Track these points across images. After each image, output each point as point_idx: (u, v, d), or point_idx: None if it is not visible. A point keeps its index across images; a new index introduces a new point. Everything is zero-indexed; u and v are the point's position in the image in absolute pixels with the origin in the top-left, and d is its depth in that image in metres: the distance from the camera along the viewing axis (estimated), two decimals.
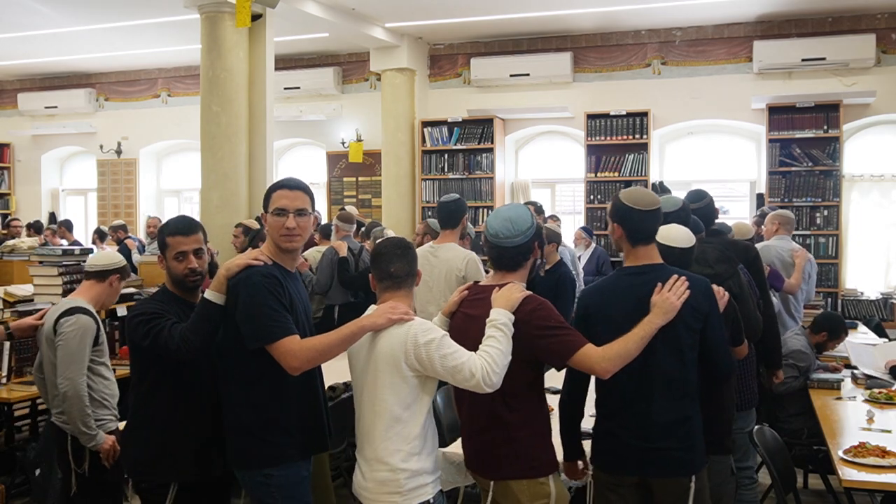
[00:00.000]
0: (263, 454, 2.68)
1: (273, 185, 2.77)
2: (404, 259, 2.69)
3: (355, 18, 8.77)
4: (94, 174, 12.25)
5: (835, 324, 5.27)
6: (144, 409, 2.92)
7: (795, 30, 8.75)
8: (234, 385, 2.71)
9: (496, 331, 2.57)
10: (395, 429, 2.56)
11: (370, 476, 2.59)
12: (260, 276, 2.61)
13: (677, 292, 2.72)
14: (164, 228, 2.96)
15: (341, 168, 10.77)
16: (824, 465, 4.49)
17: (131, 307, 3.00)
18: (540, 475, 2.70)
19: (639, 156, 9.13)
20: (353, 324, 2.59)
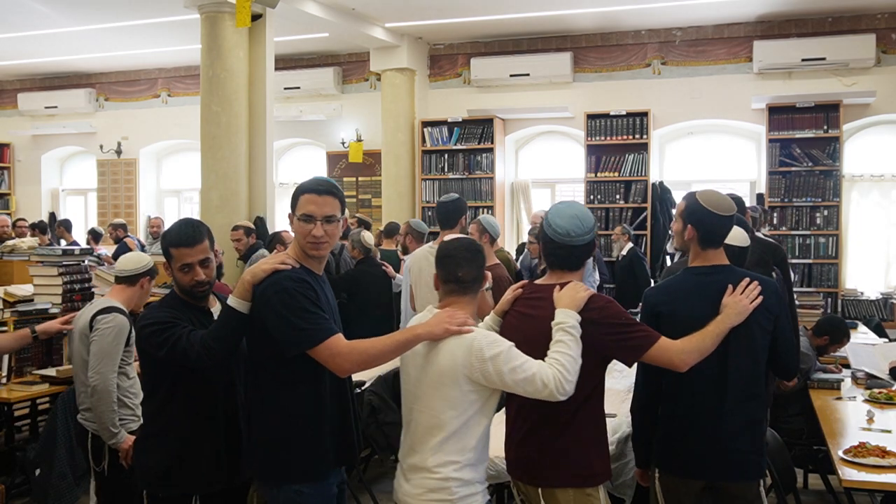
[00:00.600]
0: (295, 469, 2.56)
1: (301, 187, 2.59)
2: (474, 263, 2.58)
3: (355, 18, 8.77)
4: (94, 174, 12.26)
5: (837, 329, 5.27)
6: (158, 419, 2.85)
7: (795, 30, 8.75)
8: (264, 395, 2.59)
9: (565, 335, 2.48)
10: (451, 441, 2.47)
11: (418, 483, 2.50)
12: (290, 281, 2.49)
13: (750, 295, 2.72)
14: (167, 237, 2.83)
15: (341, 168, 10.77)
16: (824, 465, 4.49)
17: (142, 314, 2.87)
18: (588, 485, 2.60)
19: (639, 156, 9.13)
20: (408, 331, 2.50)
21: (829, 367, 5.24)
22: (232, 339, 2.58)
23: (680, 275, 2.94)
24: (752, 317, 2.72)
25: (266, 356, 2.55)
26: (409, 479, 2.54)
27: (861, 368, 5.19)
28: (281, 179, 11.23)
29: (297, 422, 2.56)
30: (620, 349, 2.60)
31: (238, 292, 2.54)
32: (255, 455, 2.62)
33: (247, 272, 2.55)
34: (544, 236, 2.72)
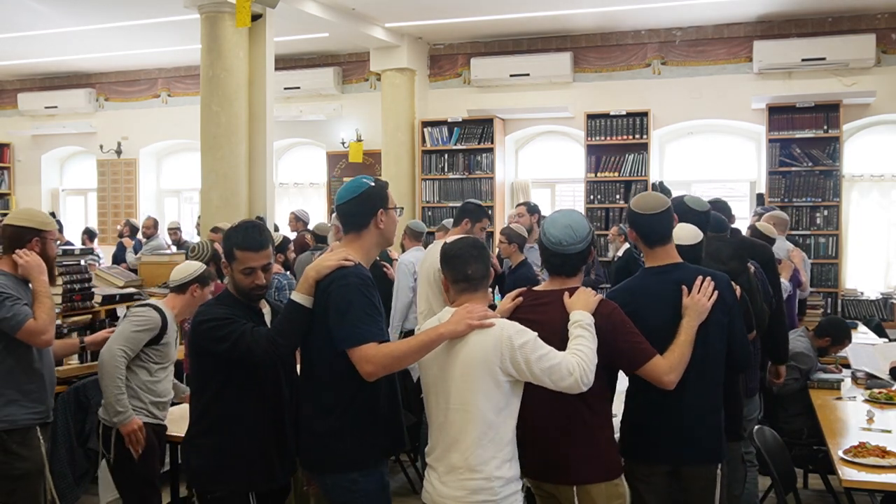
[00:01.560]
0: (351, 458, 2.61)
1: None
2: (481, 260, 2.64)
3: (355, 18, 8.77)
4: (94, 174, 12.25)
5: (838, 330, 5.28)
6: (207, 417, 2.85)
7: (795, 30, 8.75)
8: (320, 388, 2.64)
9: (583, 330, 2.58)
10: (489, 435, 2.49)
11: (458, 485, 2.50)
12: (355, 278, 2.57)
13: (706, 293, 2.88)
14: (233, 239, 2.84)
15: (341, 168, 10.76)
16: (824, 465, 4.49)
17: (197, 311, 2.89)
18: (615, 476, 2.75)
19: (639, 156, 9.13)
20: (431, 331, 2.53)
21: (829, 368, 5.25)
22: (297, 334, 2.62)
23: (638, 275, 3.11)
24: (710, 312, 2.88)
25: (324, 349, 2.59)
26: (447, 482, 2.53)
27: (861, 369, 5.20)
28: (281, 179, 11.23)
29: (353, 412, 2.62)
30: (621, 357, 2.74)
31: (302, 287, 2.60)
32: (308, 446, 2.69)
33: (310, 268, 2.61)
34: (541, 244, 2.86)
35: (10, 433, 3.25)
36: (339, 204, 2.75)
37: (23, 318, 3.16)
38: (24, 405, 3.28)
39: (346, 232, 2.76)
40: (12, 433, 3.26)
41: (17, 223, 3.39)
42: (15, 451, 3.26)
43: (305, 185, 11.38)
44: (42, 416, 3.37)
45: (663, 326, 2.86)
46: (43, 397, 3.38)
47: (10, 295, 3.20)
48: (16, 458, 3.26)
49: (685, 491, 2.98)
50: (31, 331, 3.17)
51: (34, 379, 3.33)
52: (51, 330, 3.26)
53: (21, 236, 3.36)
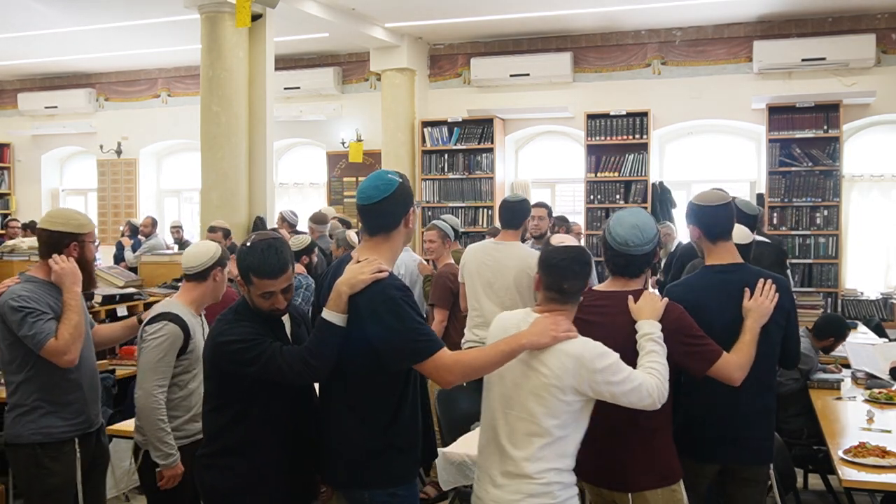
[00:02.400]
0: (395, 473, 2.53)
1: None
2: (581, 277, 2.54)
3: (355, 18, 8.77)
4: (95, 174, 12.25)
5: (839, 326, 5.29)
6: (227, 437, 2.68)
7: (795, 30, 8.75)
8: (354, 404, 2.52)
9: (655, 345, 2.56)
10: (551, 448, 2.46)
11: (516, 488, 2.46)
12: (396, 290, 2.42)
13: (769, 296, 2.88)
14: (248, 262, 2.60)
15: (341, 168, 10.77)
16: (824, 465, 4.49)
17: (220, 331, 2.64)
18: (673, 482, 2.71)
19: (639, 156, 9.13)
20: (512, 341, 2.44)
21: (829, 368, 5.24)
22: (331, 354, 2.45)
23: (699, 272, 3.08)
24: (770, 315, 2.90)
25: (360, 366, 2.47)
26: (502, 485, 2.49)
27: (861, 369, 5.20)
28: (281, 179, 11.23)
29: (396, 427, 2.52)
30: (693, 359, 2.71)
31: (334, 304, 2.43)
32: (345, 462, 2.55)
33: (342, 283, 2.42)
34: (605, 243, 2.80)
35: (43, 446, 3.10)
36: (369, 203, 2.51)
37: (44, 336, 2.99)
38: (62, 417, 3.13)
39: (374, 234, 2.54)
40: (46, 446, 3.11)
41: (52, 227, 3.16)
42: (47, 465, 3.11)
43: (305, 184, 11.38)
44: (81, 428, 3.19)
45: (727, 327, 2.86)
46: (83, 408, 3.20)
47: (32, 310, 3.02)
48: (47, 473, 3.12)
49: (732, 494, 3.01)
50: (52, 351, 3.00)
51: (72, 389, 3.15)
52: (74, 350, 3.04)
53: (58, 241, 3.14)
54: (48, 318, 3.03)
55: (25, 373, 3.09)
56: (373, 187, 2.51)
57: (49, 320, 3.03)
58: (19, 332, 3.00)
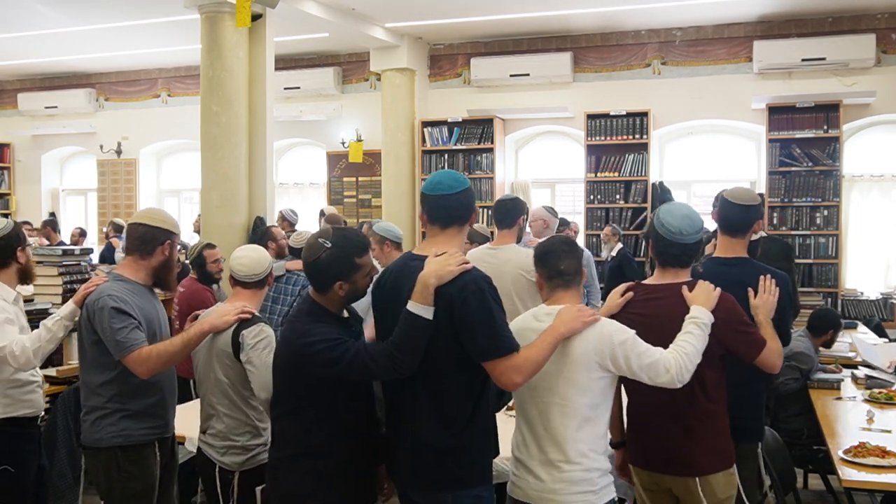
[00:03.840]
0: (479, 472, 2.53)
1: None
2: (573, 256, 2.65)
3: (355, 18, 8.77)
4: (95, 174, 12.25)
5: (833, 318, 5.31)
6: (307, 440, 2.62)
7: (795, 30, 8.75)
8: (447, 401, 2.49)
9: (696, 328, 2.64)
10: (586, 429, 2.54)
11: (558, 477, 2.52)
12: (484, 283, 2.43)
13: (771, 291, 3.00)
14: (354, 247, 2.61)
15: (341, 168, 10.77)
16: (824, 465, 4.50)
17: (299, 331, 2.59)
18: (731, 465, 2.85)
19: (639, 156, 9.13)
20: (553, 333, 2.49)
21: (829, 368, 5.25)
22: (418, 346, 2.41)
23: (704, 262, 3.20)
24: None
25: (446, 361, 2.46)
26: (543, 475, 2.55)
27: (867, 361, 5.21)
28: (281, 179, 11.23)
29: (477, 425, 2.52)
30: (743, 346, 2.82)
31: (421, 297, 2.39)
32: (422, 465, 2.52)
33: (428, 275, 2.40)
34: (656, 234, 2.88)
35: (124, 449, 3.05)
36: (448, 193, 2.55)
37: (130, 345, 2.93)
38: (141, 420, 3.08)
39: (447, 226, 2.57)
40: (127, 450, 3.05)
41: (151, 223, 3.14)
42: (127, 469, 3.06)
43: (305, 185, 11.38)
44: (160, 432, 3.16)
45: None
46: (162, 412, 3.17)
47: (128, 315, 2.97)
48: (128, 477, 3.06)
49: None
50: (135, 361, 2.94)
51: (153, 392, 3.10)
52: (155, 371, 2.98)
53: (154, 238, 3.12)
54: (136, 326, 2.99)
55: (108, 375, 3.04)
56: (451, 178, 2.59)
57: (137, 328, 2.98)
58: (106, 332, 2.95)
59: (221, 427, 3.12)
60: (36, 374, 3.52)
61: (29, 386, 3.45)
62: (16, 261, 3.44)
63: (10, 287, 3.44)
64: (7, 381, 3.37)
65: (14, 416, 3.39)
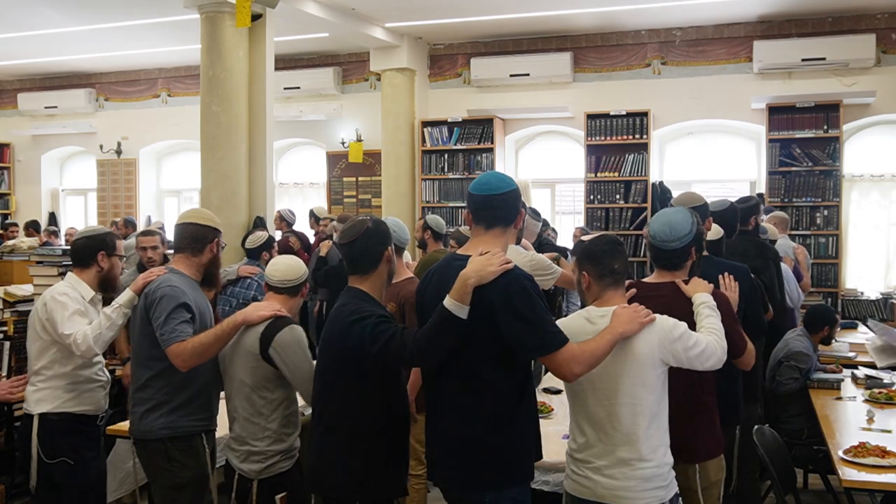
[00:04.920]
0: (517, 473, 2.53)
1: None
2: (623, 255, 2.75)
3: (355, 18, 8.77)
4: (94, 174, 12.25)
5: (826, 313, 5.32)
6: (354, 426, 2.66)
7: (795, 30, 8.75)
8: (491, 400, 2.49)
9: (711, 310, 2.82)
10: (654, 425, 2.61)
11: (630, 475, 2.57)
12: (527, 281, 2.45)
13: (731, 287, 3.27)
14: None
15: (341, 168, 10.77)
16: (824, 465, 4.50)
17: (352, 309, 2.64)
18: (722, 452, 3.07)
19: (639, 156, 9.13)
20: (613, 331, 2.52)
21: (830, 367, 5.25)
22: (446, 343, 2.42)
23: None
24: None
25: (486, 360, 2.46)
26: (615, 474, 2.58)
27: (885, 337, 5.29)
28: (281, 179, 11.23)
29: (521, 423, 2.53)
30: (733, 343, 2.90)
31: (459, 295, 2.38)
32: (460, 464, 2.51)
33: (468, 274, 2.39)
34: (650, 239, 3.12)
35: (173, 440, 3.12)
36: (493, 193, 2.56)
37: (175, 336, 2.99)
38: (189, 412, 3.14)
39: (492, 226, 2.57)
40: (175, 440, 3.12)
41: (202, 222, 3.26)
42: (178, 458, 3.12)
43: (305, 185, 11.38)
44: (206, 423, 3.23)
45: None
46: (208, 403, 3.23)
47: (183, 306, 3.04)
48: (179, 467, 3.12)
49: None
50: (175, 352, 2.99)
51: (197, 386, 3.16)
52: (192, 362, 3.00)
53: (204, 236, 3.25)
54: (187, 320, 3.05)
55: (158, 367, 3.11)
56: (496, 179, 2.60)
57: (188, 322, 3.05)
58: (159, 322, 3.01)
59: (241, 431, 3.09)
60: (101, 374, 3.61)
61: (92, 384, 3.55)
62: (97, 264, 3.57)
63: (90, 288, 3.56)
64: (70, 374, 3.48)
65: (73, 411, 3.47)
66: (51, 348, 3.46)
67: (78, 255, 3.60)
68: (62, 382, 3.48)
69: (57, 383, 3.48)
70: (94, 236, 3.59)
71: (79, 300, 3.46)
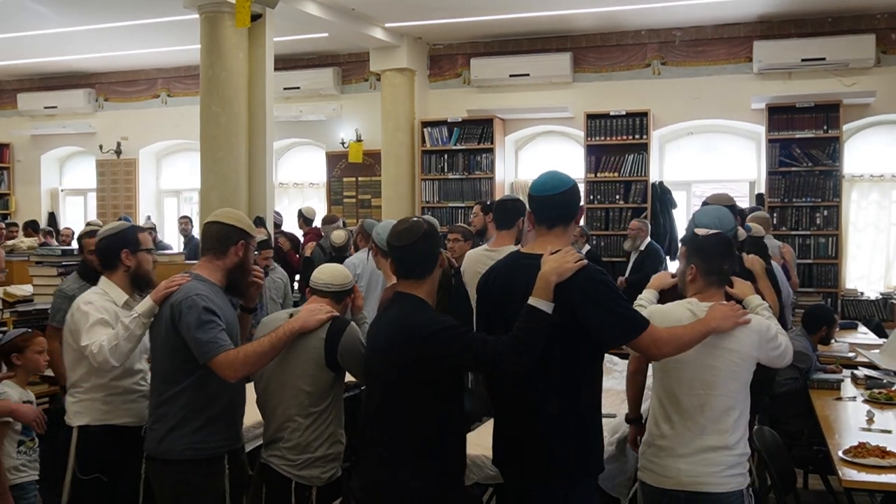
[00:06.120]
0: (595, 463, 2.61)
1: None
2: (733, 258, 2.98)
3: (355, 18, 8.77)
4: (94, 174, 12.24)
5: (825, 313, 5.32)
6: (430, 436, 2.57)
7: (795, 30, 8.75)
8: (569, 392, 2.56)
9: (769, 312, 2.98)
10: (742, 417, 2.79)
11: (715, 461, 2.71)
12: (602, 275, 2.56)
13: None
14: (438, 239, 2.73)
15: (341, 168, 10.76)
16: (824, 466, 4.49)
17: (421, 321, 2.56)
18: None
19: (639, 156, 9.12)
20: (703, 325, 2.68)
21: (830, 368, 5.25)
22: (540, 341, 2.46)
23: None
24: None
25: (565, 354, 2.53)
26: (699, 461, 2.71)
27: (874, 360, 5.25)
28: (281, 180, 11.23)
29: (595, 418, 2.64)
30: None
31: (543, 293, 2.46)
32: (548, 457, 2.56)
33: (549, 272, 2.47)
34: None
35: (194, 463, 2.92)
36: (552, 194, 2.63)
37: (218, 347, 2.81)
38: (213, 432, 2.95)
39: (553, 226, 2.64)
40: (197, 463, 2.92)
41: (227, 221, 3.06)
42: (197, 482, 2.94)
43: (305, 185, 11.38)
44: (231, 443, 3.04)
45: None
46: (233, 420, 3.06)
47: (216, 315, 2.87)
48: (195, 492, 2.94)
49: None
50: (223, 363, 2.80)
51: (225, 402, 2.98)
52: (243, 372, 2.86)
53: (228, 236, 3.03)
54: (224, 328, 2.88)
55: (184, 383, 2.92)
56: (554, 179, 2.67)
57: (223, 330, 2.86)
58: (193, 333, 2.82)
59: (300, 440, 2.95)
60: (143, 383, 3.34)
61: (132, 395, 3.30)
62: (122, 263, 3.33)
63: (123, 291, 3.33)
64: (106, 386, 3.24)
65: (112, 423, 3.24)
66: (83, 359, 3.20)
67: (102, 259, 3.37)
68: (100, 394, 3.25)
69: (95, 395, 3.25)
70: (114, 235, 3.35)
71: (106, 308, 3.22)
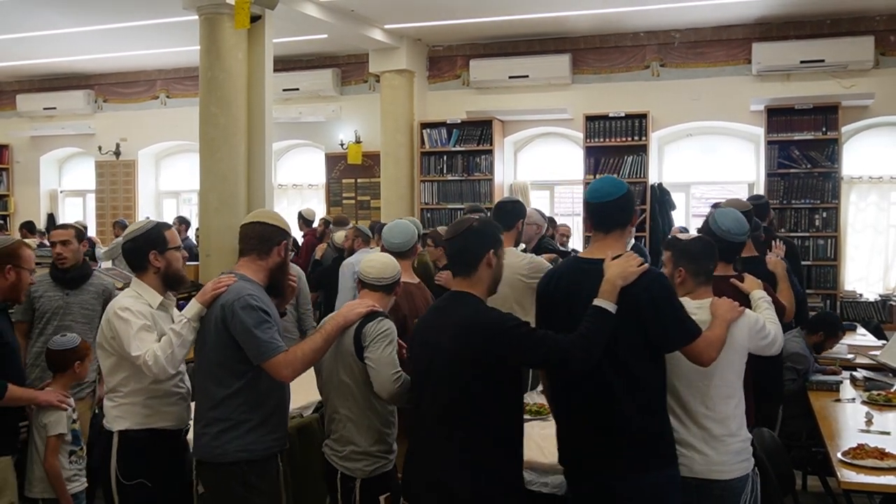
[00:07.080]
0: (669, 454, 2.73)
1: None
2: (716, 258, 3.13)
3: (354, 20, 8.77)
4: (93, 176, 12.24)
5: (831, 323, 5.30)
6: (494, 438, 2.59)
7: (794, 32, 8.75)
8: (643, 389, 2.67)
9: (769, 304, 3.22)
10: (741, 404, 2.92)
11: (723, 450, 2.83)
12: (665, 280, 2.73)
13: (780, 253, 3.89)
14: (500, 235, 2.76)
15: (340, 169, 10.76)
16: (823, 467, 4.50)
17: (494, 317, 2.59)
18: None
19: (637, 157, 9.13)
20: (723, 319, 2.83)
21: (829, 369, 5.24)
22: (604, 342, 2.58)
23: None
24: None
25: (633, 351, 2.64)
26: (708, 451, 2.81)
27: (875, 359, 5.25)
28: (280, 181, 11.23)
29: (665, 410, 2.76)
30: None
31: (609, 294, 2.59)
32: (628, 449, 2.65)
33: (615, 276, 2.60)
34: (711, 234, 3.48)
35: (250, 464, 2.89)
36: (609, 199, 2.73)
37: (274, 347, 2.81)
38: (266, 432, 2.93)
39: (610, 230, 2.76)
40: (253, 464, 2.89)
41: (270, 221, 3.09)
42: (254, 484, 2.90)
43: (304, 186, 11.38)
44: (282, 442, 3.03)
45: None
46: (283, 421, 3.04)
47: (269, 315, 2.88)
48: (255, 493, 2.90)
49: None
50: (279, 364, 2.81)
51: (274, 403, 2.97)
52: (300, 370, 2.87)
53: (271, 237, 3.06)
54: (277, 329, 2.89)
55: (236, 385, 2.89)
56: (609, 184, 2.79)
57: (277, 331, 2.88)
58: (248, 332, 2.81)
59: (344, 431, 3.00)
60: (182, 385, 3.25)
61: (172, 398, 3.19)
62: (151, 265, 3.21)
63: (156, 292, 3.23)
64: (146, 389, 3.14)
65: (153, 427, 3.14)
66: (122, 364, 3.11)
67: (131, 262, 3.27)
68: (140, 398, 3.14)
69: (135, 399, 3.14)
70: (139, 236, 3.22)
71: (143, 312, 3.11)
